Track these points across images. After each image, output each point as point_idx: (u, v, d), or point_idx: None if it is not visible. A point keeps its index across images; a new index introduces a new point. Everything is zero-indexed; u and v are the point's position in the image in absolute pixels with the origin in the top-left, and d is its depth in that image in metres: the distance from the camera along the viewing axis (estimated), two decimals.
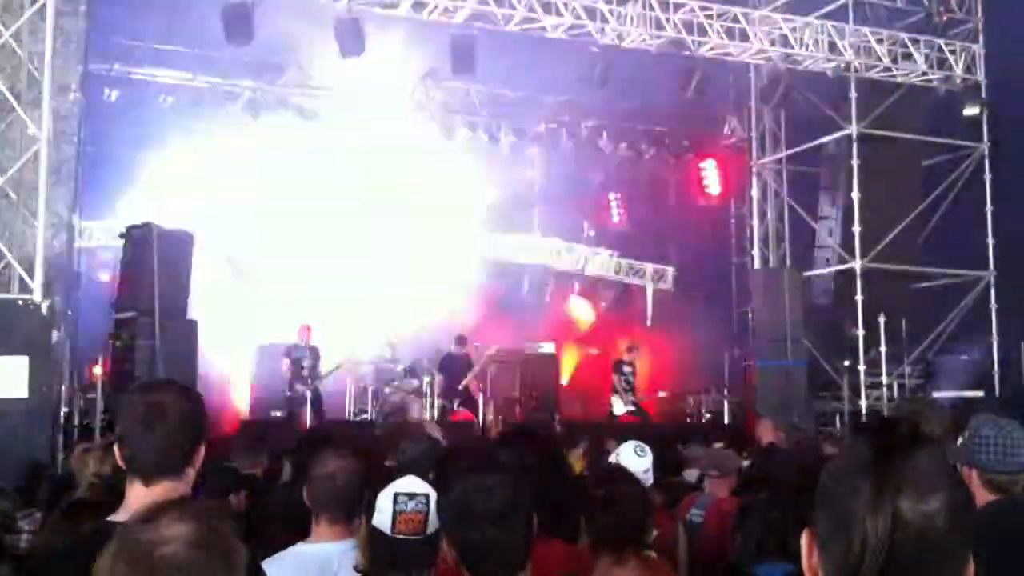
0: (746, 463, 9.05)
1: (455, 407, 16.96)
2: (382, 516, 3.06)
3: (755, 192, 21.18)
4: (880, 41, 18.05)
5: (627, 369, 17.33)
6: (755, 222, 21.14)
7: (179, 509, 1.91)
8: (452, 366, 17.05)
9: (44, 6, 10.19)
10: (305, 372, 16.13)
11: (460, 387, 16.96)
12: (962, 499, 1.58)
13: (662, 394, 18.39)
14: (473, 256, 21.35)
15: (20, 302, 9.72)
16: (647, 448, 5.72)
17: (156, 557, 1.81)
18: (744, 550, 4.32)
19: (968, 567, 1.59)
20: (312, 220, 19.84)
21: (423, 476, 3.46)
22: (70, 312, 12.03)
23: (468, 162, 20.64)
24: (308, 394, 16.00)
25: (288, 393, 16.12)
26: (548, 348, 20.58)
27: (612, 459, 5.64)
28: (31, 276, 9.75)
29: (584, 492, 4.01)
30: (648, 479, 5.55)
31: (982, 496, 3.60)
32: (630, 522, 3.63)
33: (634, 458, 5.53)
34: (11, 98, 10.14)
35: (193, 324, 15.52)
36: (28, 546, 5.55)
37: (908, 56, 18.28)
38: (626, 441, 5.87)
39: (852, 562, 1.54)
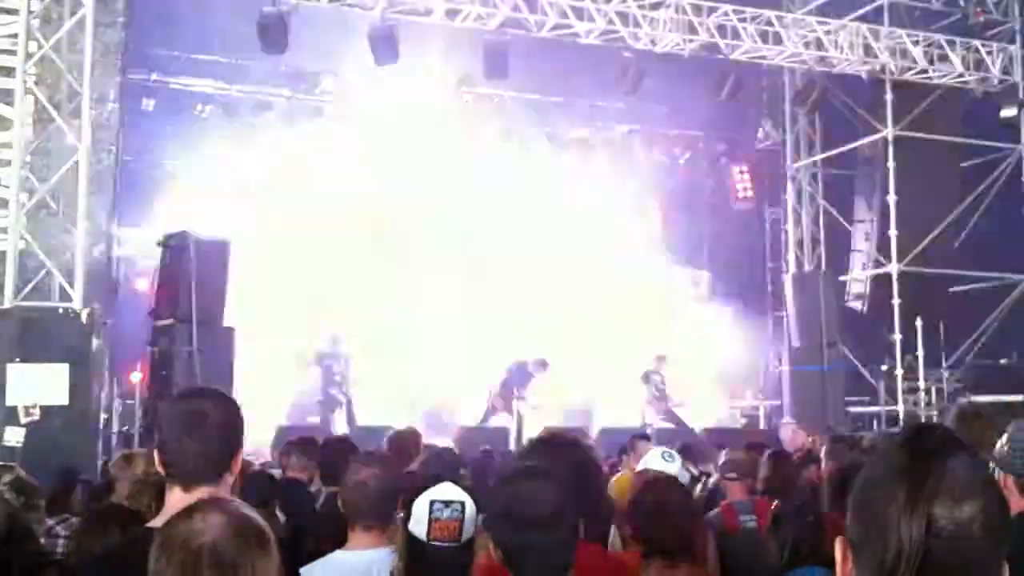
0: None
1: (493, 414, 16.93)
2: (418, 522, 3.09)
3: (790, 196, 21.08)
4: (916, 43, 17.91)
5: (656, 378, 17.23)
6: (790, 226, 21.03)
7: (209, 504, 2.09)
8: (518, 378, 16.95)
9: (83, 18, 10.32)
10: (338, 378, 16.21)
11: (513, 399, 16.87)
12: (997, 506, 1.58)
13: (693, 400, 18.31)
14: (508, 264, 21.38)
15: (60, 310, 9.85)
16: (675, 454, 5.72)
17: (196, 546, 1.96)
18: (779, 556, 4.31)
19: (1003, 573, 1.58)
20: (346, 228, 19.95)
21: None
22: (109, 320, 12.15)
23: (501, 168, 20.67)
24: (342, 400, 16.08)
25: (320, 399, 16.20)
26: None
27: (639, 466, 5.63)
28: (71, 284, 9.87)
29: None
30: None
31: (1017, 502, 3.55)
32: (681, 530, 3.63)
33: (662, 464, 5.52)
34: (51, 108, 10.28)
35: (230, 331, 15.65)
36: (65, 551, 5.62)
37: (944, 58, 18.12)
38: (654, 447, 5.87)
39: (886, 569, 1.54)
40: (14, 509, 5.18)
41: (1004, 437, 3.81)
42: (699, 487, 8.10)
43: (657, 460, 5.57)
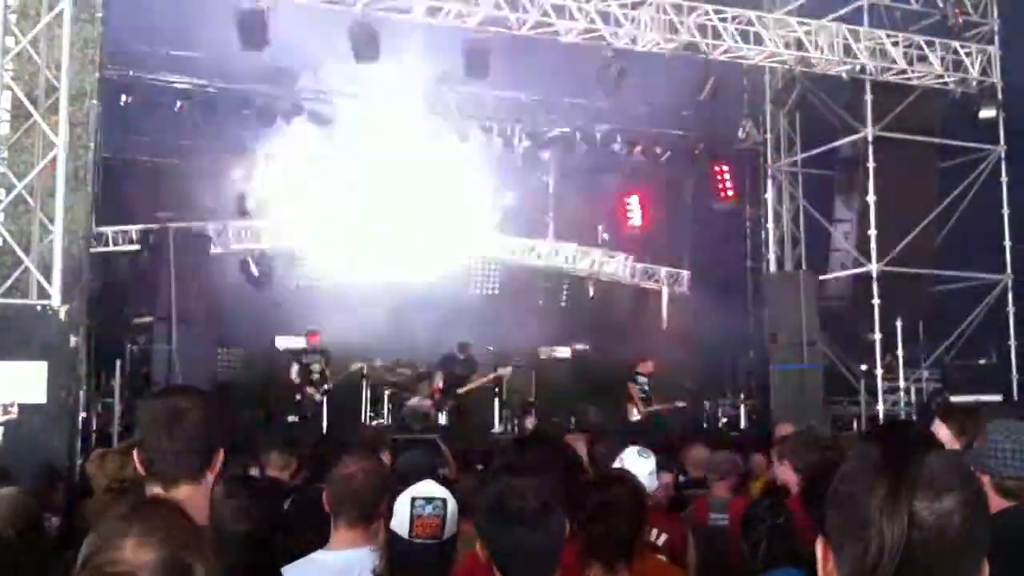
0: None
1: (447, 410, 16.96)
2: (399, 520, 3.07)
3: (770, 195, 21.14)
4: (895, 44, 17.98)
5: (642, 379, 17.28)
6: (770, 225, 21.09)
7: (143, 531, 1.88)
8: (451, 367, 17.06)
9: (61, 13, 10.24)
10: (315, 377, 16.15)
11: (461, 391, 16.98)
12: (976, 498, 1.59)
13: (681, 404, 18.31)
14: (488, 260, 21.42)
15: (39, 308, 9.77)
16: (649, 451, 5.73)
17: None
18: (752, 557, 4.30)
19: (983, 566, 1.59)
20: (325, 224, 19.96)
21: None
22: (88, 317, 12.06)
23: (483, 166, 20.68)
24: (320, 399, 16.02)
25: (298, 397, 16.14)
26: (563, 352, 20.58)
27: (616, 463, 5.64)
28: (49, 281, 9.79)
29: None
30: (652, 482, 5.56)
31: (994, 502, 3.55)
32: (621, 531, 3.55)
33: (638, 460, 5.54)
34: (29, 104, 10.20)
35: (210, 328, 15.60)
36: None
37: (923, 58, 18.20)
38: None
39: (869, 563, 1.54)
40: (30, 503, 5.13)
41: (982, 437, 3.82)
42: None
43: (633, 456, 5.59)
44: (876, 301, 17.95)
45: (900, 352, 17.67)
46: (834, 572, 1.63)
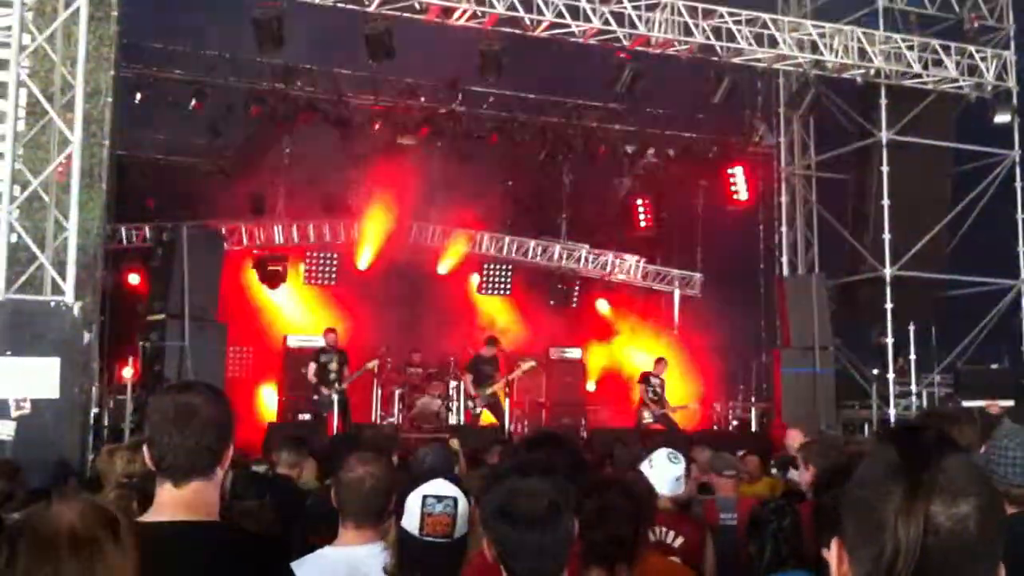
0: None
1: (478, 411, 16.96)
2: (410, 518, 3.06)
3: (783, 198, 21.08)
4: (910, 47, 17.93)
5: (655, 381, 17.25)
6: (783, 229, 21.03)
7: (64, 497, 2.19)
8: (481, 367, 17.03)
9: (77, 11, 10.28)
10: (332, 376, 16.16)
11: (489, 392, 16.93)
12: (993, 503, 1.57)
13: (692, 406, 18.27)
14: (500, 261, 21.42)
15: (52, 304, 9.80)
16: (680, 455, 5.71)
17: (53, 528, 2.06)
18: (759, 559, 4.29)
19: (999, 570, 1.58)
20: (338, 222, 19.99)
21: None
22: (101, 314, 12.11)
23: (496, 167, 20.69)
24: (335, 398, 16.03)
25: (315, 397, 16.15)
26: (574, 353, 20.58)
27: (644, 465, 5.62)
28: (63, 278, 9.82)
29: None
30: (679, 486, 5.54)
31: None
32: (619, 536, 3.53)
33: (668, 465, 5.53)
34: (44, 101, 10.23)
35: (222, 326, 15.64)
36: None
37: (939, 63, 18.15)
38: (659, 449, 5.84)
39: (884, 567, 1.53)
40: None
41: (987, 443, 3.79)
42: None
43: (663, 460, 5.57)
44: (889, 305, 17.91)
45: (912, 356, 17.62)
46: (849, 574, 1.63)
